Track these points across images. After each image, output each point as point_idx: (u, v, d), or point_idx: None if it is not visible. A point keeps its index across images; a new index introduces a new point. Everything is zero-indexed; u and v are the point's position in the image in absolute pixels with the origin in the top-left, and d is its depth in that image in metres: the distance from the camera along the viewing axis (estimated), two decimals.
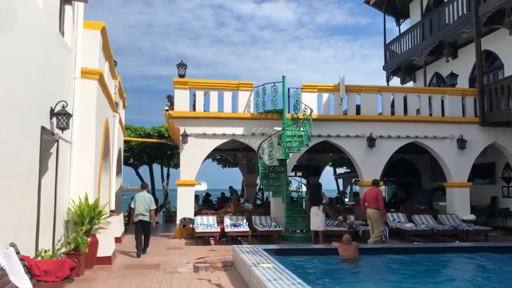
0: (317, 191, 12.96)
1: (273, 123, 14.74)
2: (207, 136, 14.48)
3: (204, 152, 14.55)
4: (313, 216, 12.68)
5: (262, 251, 8.79)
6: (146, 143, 22.84)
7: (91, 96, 9.79)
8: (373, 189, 11.84)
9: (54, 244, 7.98)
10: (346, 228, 13.36)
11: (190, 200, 14.38)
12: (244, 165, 21.80)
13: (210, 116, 14.55)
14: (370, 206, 11.55)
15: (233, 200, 15.32)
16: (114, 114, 14.09)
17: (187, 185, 14.31)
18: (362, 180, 15.22)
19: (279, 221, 14.07)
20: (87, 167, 9.60)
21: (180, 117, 14.35)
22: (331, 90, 15.33)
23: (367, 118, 15.26)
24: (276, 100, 14.20)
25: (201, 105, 14.73)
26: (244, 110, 14.80)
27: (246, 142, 14.81)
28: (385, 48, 23.31)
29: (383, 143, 15.23)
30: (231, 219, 14.02)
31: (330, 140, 15.11)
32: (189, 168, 14.36)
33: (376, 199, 11.47)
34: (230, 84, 14.86)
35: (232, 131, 14.61)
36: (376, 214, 11.47)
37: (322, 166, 23.29)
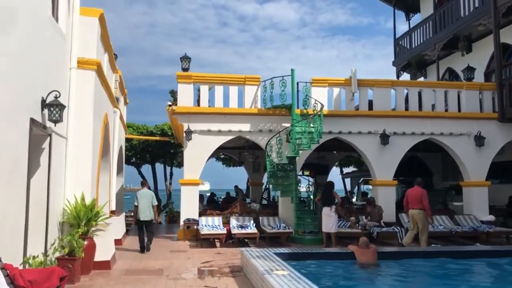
0: (329, 190, 12.23)
1: (282, 119, 14.01)
2: (212, 132, 13.76)
3: (209, 149, 13.83)
4: (325, 217, 11.95)
5: (273, 256, 8.07)
6: (149, 141, 22.21)
7: (88, 88, 9.09)
8: (416, 189, 11.20)
9: (47, 248, 7.28)
10: (360, 229, 12.62)
11: (195, 200, 13.67)
12: (249, 163, 21.08)
13: (215, 112, 13.84)
14: (414, 207, 10.98)
15: (239, 200, 14.60)
16: (115, 110, 13.41)
17: (191, 184, 13.59)
18: (375, 180, 14.47)
19: (288, 222, 13.36)
20: (84, 165, 8.91)
21: (184, 113, 13.64)
22: (342, 85, 14.59)
23: (380, 114, 14.51)
24: (285, 94, 13.48)
25: (206, 100, 14.01)
26: (251, 105, 14.08)
27: (253, 139, 14.09)
28: (394, 43, 22.54)
29: (397, 140, 14.48)
30: (238, 220, 13.30)
31: (341, 137, 14.38)
32: (193, 166, 13.65)
33: (420, 200, 10.88)
34: (236, 78, 14.14)
35: (239, 127, 13.89)
36: (421, 215, 10.90)
37: (330, 165, 22.53)
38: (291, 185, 13.16)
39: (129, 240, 13.63)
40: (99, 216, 8.58)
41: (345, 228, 12.66)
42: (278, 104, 13.65)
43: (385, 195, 14.19)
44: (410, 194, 11.21)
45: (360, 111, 14.65)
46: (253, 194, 21.47)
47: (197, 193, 13.82)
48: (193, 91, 14.00)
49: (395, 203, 14.49)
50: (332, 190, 12.20)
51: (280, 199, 14.03)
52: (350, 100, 14.60)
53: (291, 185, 13.16)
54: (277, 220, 13.43)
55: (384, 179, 14.37)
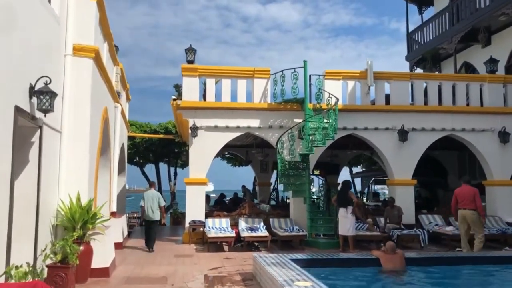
0: (345, 190, 11.36)
1: (293, 115, 13.15)
2: (219, 129, 12.92)
3: (215, 146, 12.98)
4: (342, 219, 11.10)
5: (290, 263, 7.21)
6: (152, 140, 21.46)
7: (85, 77, 8.27)
8: (467, 187, 10.37)
9: (36, 255, 6.46)
10: (379, 232, 11.73)
11: (201, 201, 12.82)
12: (257, 163, 20.21)
13: (223, 107, 12.99)
14: (466, 207, 10.18)
15: (248, 201, 13.75)
16: (116, 105, 12.61)
17: (197, 183, 12.75)
18: (393, 179, 13.58)
19: (300, 224, 12.50)
20: (80, 162, 8.08)
21: (189, 108, 12.80)
22: (358, 78, 13.71)
23: (398, 109, 13.62)
24: (297, 88, 12.61)
25: (212, 94, 13.17)
26: (261, 100, 13.22)
27: (262, 135, 13.23)
28: (408, 37, 21.65)
29: (416, 137, 13.59)
30: (247, 222, 12.45)
31: (357, 133, 13.50)
32: (199, 164, 12.81)
33: (473, 199, 10.07)
34: (244, 71, 13.29)
35: (247, 123, 13.04)
36: (474, 216, 10.10)
37: (341, 164, 21.64)
38: (303, 185, 12.30)
39: (131, 243, 12.81)
40: (97, 218, 7.74)
41: (362, 230, 11.77)
42: (290, 98, 12.80)
43: (403, 195, 13.30)
44: (460, 194, 10.35)
45: (376, 105, 13.76)
46: (260, 194, 20.58)
47: (203, 193, 12.98)
48: (199, 84, 13.16)
49: (414, 204, 13.59)
50: (348, 190, 11.33)
51: (291, 199, 13.16)
52: (365, 94, 13.73)
53: (303, 185, 12.30)
54: (289, 222, 12.56)
55: (403, 178, 13.48)
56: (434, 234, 12.20)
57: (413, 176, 21.13)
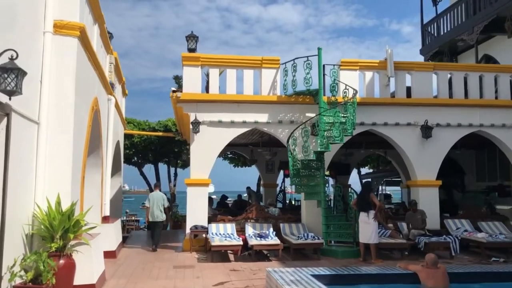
0: (365, 193, 10.10)
1: (305, 109, 11.89)
2: (224, 124, 11.67)
3: (220, 143, 11.71)
4: (363, 225, 9.84)
5: (312, 280, 5.95)
6: (151, 139, 20.21)
7: (69, 59, 7.03)
8: None
9: (1, 273, 5.20)
10: (405, 240, 10.45)
11: (203, 204, 11.57)
12: (263, 162, 18.94)
13: (227, 100, 11.73)
14: None
15: (255, 204, 12.49)
16: (109, 97, 11.38)
17: (199, 184, 11.49)
18: (415, 179, 12.30)
19: (314, 230, 11.24)
20: (63, 159, 6.85)
21: (190, 101, 11.54)
22: (376, 68, 12.45)
23: (421, 102, 12.36)
24: (310, 78, 11.33)
25: (216, 86, 11.91)
26: (269, 92, 11.97)
27: (271, 131, 11.96)
28: (422, 30, 20.33)
29: (441, 133, 12.32)
30: (254, 228, 11.19)
31: (375, 129, 12.23)
32: (201, 164, 11.55)
33: None
34: (251, 61, 12.02)
35: (255, 118, 11.78)
36: None
37: (352, 164, 20.33)
38: (318, 186, 11.03)
39: (125, 251, 11.55)
40: (80, 226, 6.47)
41: (385, 237, 10.49)
42: (302, 90, 11.52)
43: (427, 198, 12.03)
44: None
45: (397, 98, 12.48)
46: (266, 196, 19.25)
47: (206, 195, 11.72)
48: (201, 75, 11.91)
49: (439, 207, 12.31)
50: (369, 193, 10.07)
51: (303, 202, 11.89)
52: (385, 86, 12.46)
53: (318, 186, 11.03)
54: (301, 228, 11.29)
55: (426, 179, 12.21)
56: (464, 241, 10.92)
57: None
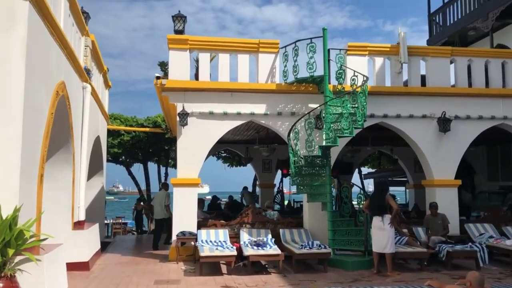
0: (380, 194, 8.70)
1: (308, 99, 10.49)
2: (216, 116, 10.25)
3: (211, 138, 10.28)
4: (377, 231, 8.44)
5: None
6: (140, 137, 18.83)
7: (15, 25, 5.57)
8: None
9: None
10: (424, 248, 9.04)
11: (192, 207, 10.12)
12: (259, 161, 17.52)
13: (220, 88, 10.31)
14: None
15: (252, 207, 11.05)
16: (84, 85, 9.95)
17: (187, 185, 10.06)
18: (431, 179, 10.92)
19: (318, 237, 9.87)
20: (6, 152, 5.40)
21: (177, 89, 10.11)
22: (387, 53, 11.06)
23: (438, 92, 10.99)
24: (314, 63, 9.93)
25: (207, 73, 10.48)
26: (267, 80, 10.55)
27: (269, 125, 10.55)
28: (429, 19, 19.00)
29: (460, 126, 10.96)
30: (250, 234, 9.77)
31: (387, 122, 10.85)
32: (190, 161, 10.13)
33: None
34: (247, 44, 10.59)
35: (251, 109, 10.36)
36: None
37: (355, 163, 18.92)
38: (323, 186, 9.61)
39: (103, 261, 10.09)
40: (24, 238, 5.01)
41: (401, 245, 9.08)
42: (305, 77, 10.11)
43: (445, 199, 10.63)
44: None
45: (411, 87, 11.08)
46: (262, 198, 17.79)
47: (195, 197, 10.26)
48: (189, 60, 10.49)
49: (458, 210, 10.94)
50: (385, 194, 8.66)
51: (306, 205, 10.47)
52: (397, 74, 11.07)
53: (323, 186, 9.61)
54: (304, 234, 9.89)
55: (444, 178, 10.84)
56: (489, 248, 9.53)
57: None
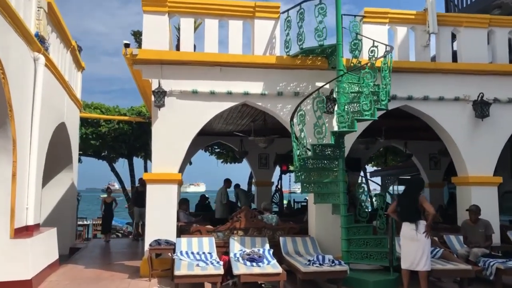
0: (413, 194, 6.67)
1: (315, 75, 8.47)
2: (201, 96, 8.22)
3: (195, 124, 8.24)
4: (408, 242, 6.45)
5: None
6: (124, 129, 16.87)
7: None
8: None
9: None
10: (469, 265, 7.02)
11: (170, 209, 8.08)
12: (255, 156, 15.50)
13: (206, 62, 8.27)
14: None
15: (245, 208, 8.96)
16: (36, 56, 7.94)
17: (163, 181, 8.04)
18: (465, 175, 8.93)
19: (326, 246, 7.93)
20: None
21: (152, 62, 8.07)
22: (412, 22, 9.04)
23: (474, 69, 8.98)
24: (324, 29, 7.90)
25: (190, 43, 8.44)
26: (265, 52, 8.52)
27: (267, 107, 8.52)
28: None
29: (501, 111, 8.96)
30: (243, 243, 7.76)
31: (411, 105, 8.82)
32: (168, 151, 8.11)
33: None
34: (240, 8, 8.51)
35: (244, 87, 8.33)
36: None
37: (363, 158, 16.90)
38: (335, 184, 7.59)
39: (61, 273, 8.09)
40: None
41: (435, 260, 7.07)
42: (312, 47, 8.04)
43: (482, 201, 8.55)
44: None
45: (441, 63, 9.04)
46: (259, 197, 15.71)
47: (174, 196, 8.19)
48: (169, 27, 8.47)
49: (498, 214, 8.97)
50: (419, 194, 6.65)
51: (312, 207, 8.46)
52: (423, 47, 9.05)
53: (335, 184, 7.59)
54: (311, 244, 7.88)
55: (481, 174, 8.87)
56: None
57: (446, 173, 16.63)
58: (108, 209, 13.51)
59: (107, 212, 13.53)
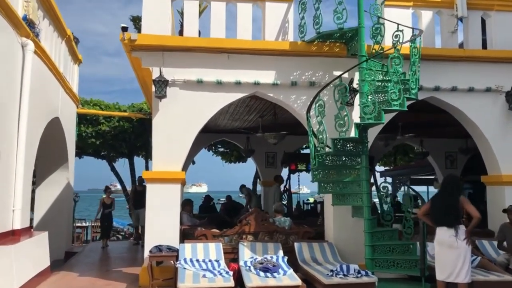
0: (452, 195, 5.82)
1: (333, 64, 7.67)
2: (206, 86, 7.43)
3: (199, 117, 7.45)
4: (445, 250, 5.62)
5: None
6: (124, 127, 16.14)
7: None
8: None
9: None
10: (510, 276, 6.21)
11: (172, 211, 7.29)
12: (262, 154, 14.68)
13: (212, 48, 7.47)
14: None
15: (255, 210, 8.15)
16: (24, 42, 7.19)
17: (165, 180, 7.24)
18: (498, 173, 8.10)
19: (346, 254, 7.12)
20: None
21: (153, 48, 7.28)
22: (438, 6, 8.25)
23: (507, 57, 8.16)
24: (344, 11, 7.08)
25: (194, 27, 7.65)
26: (278, 37, 7.72)
27: (280, 99, 7.71)
28: None
29: None
30: (254, 250, 6.96)
31: (438, 96, 8.00)
32: (170, 147, 7.31)
33: None
34: None
35: (254, 77, 7.53)
36: None
37: (377, 156, 16.05)
38: (357, 183, 6.77)
39: (52, 282, 7.29)
40: None
41: (476, 270, 6.26)
42: (330, 31, 7.24)
43: None
44: None
45: (470, 50, 8.19)
46: (266, 198, 14.79)
47: (177, 197, 7.41)
48: (171, 10, 7.67)
49: None
50: (459, 195, 5.82)
51: (329, 209, 7.64)
52: (451, 33, 8.23)
53: (357, 183, 6.77)
54: (329, 251, 7.07)
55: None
56: None
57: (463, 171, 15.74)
58: (107, 211, 12.27)
59: (106, 214, 12.21)
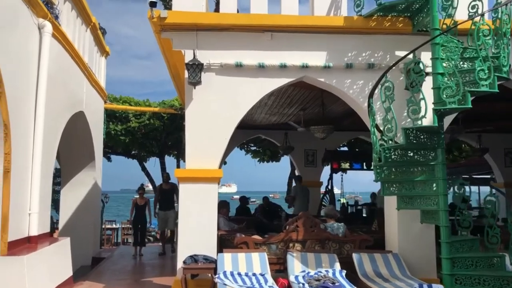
0: None
1: (395, 42, 6.51)
2: (246, 70, 6.40)
3: (239, 106, 6.42)
4: None
5: None
6: (155, 125, 15.48)
7: None
8: None
9: None
10: None
11: (209, 215, 6.29)
12: (301, 151, 13.57)
13: (253, 26, 6.42)
14: None
15: (304, 215, 7.03)
16: (41, 23, 6.36)
17: (201, 180, 6.25)
18: None
19: (415, 267, 5.93)
20: None
21: (185, 27, 6.30)
22: None
23: None
24: None
25: (233, 4, 6.64)
26: (329, 12, 6.61)
27: (332, 84, 6.59)
28: None
29: None
30: (305, 262, 5.88)
31: None
32: (206, 143, 6.31)
33: None
34: None
35: (302, 59, 6.43)
36: None
37: None
38: (430, 184, 5.58)
39: None
40: None
41: None
42: (394, 1, 6.08)
43: None
44: None
45: None
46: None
47: (214, 198, 6.40)
48: None
49: None
50: None
51: (391, 214, 6.47)
52: None
53: (430, 184, 5.58)
54: (395, 264, 5.90)
55: None
56: None
57: None
58: (140, 214, 10.66)
59: (139, 218, 10.67)
